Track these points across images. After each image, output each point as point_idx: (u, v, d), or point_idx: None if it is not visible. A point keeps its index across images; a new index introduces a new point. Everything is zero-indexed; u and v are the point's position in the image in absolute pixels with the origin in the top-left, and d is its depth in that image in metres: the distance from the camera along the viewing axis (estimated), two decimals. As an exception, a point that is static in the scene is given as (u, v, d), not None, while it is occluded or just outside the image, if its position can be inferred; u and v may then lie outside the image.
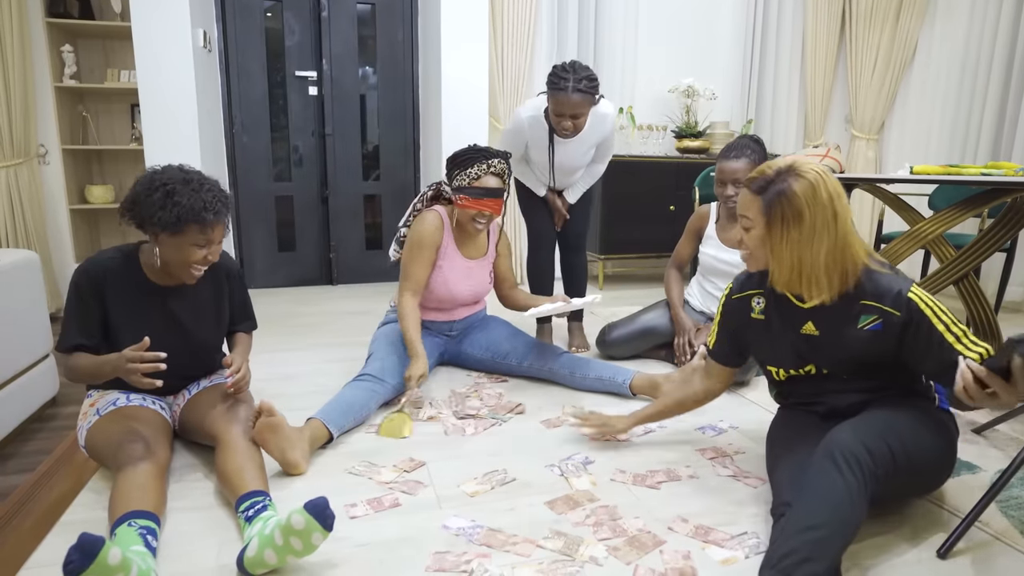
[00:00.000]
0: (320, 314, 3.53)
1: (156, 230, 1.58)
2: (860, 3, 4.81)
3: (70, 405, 2.40)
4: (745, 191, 1.46)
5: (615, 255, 4.39)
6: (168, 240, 1.59)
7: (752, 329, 1.63)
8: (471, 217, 2.28)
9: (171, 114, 3.20)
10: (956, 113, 4.41)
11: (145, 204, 1.56)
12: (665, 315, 2.71)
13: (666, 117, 4.71)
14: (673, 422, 2.09)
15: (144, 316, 1.68)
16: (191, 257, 1.61)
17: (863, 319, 1.43)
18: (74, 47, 3.68)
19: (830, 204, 1.37)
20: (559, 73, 2.42)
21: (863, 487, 1.23)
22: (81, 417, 1.68)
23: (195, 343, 1.78)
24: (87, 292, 1.62)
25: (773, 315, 1.57)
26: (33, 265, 2.26)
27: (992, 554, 1.40)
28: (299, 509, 1.22)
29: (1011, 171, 2.28)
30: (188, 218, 1.55)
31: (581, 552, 1.37)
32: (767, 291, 1.57)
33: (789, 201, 1.37)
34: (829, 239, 1.38)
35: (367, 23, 4.20)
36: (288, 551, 1.23)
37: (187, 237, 1.58)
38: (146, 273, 1.68)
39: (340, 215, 4.31)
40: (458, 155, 2.29)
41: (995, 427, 2.03)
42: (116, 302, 1.65)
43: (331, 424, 1.85)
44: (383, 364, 2.17)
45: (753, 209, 1.43)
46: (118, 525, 1.28)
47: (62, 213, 3.73)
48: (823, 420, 1.57)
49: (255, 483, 1.46)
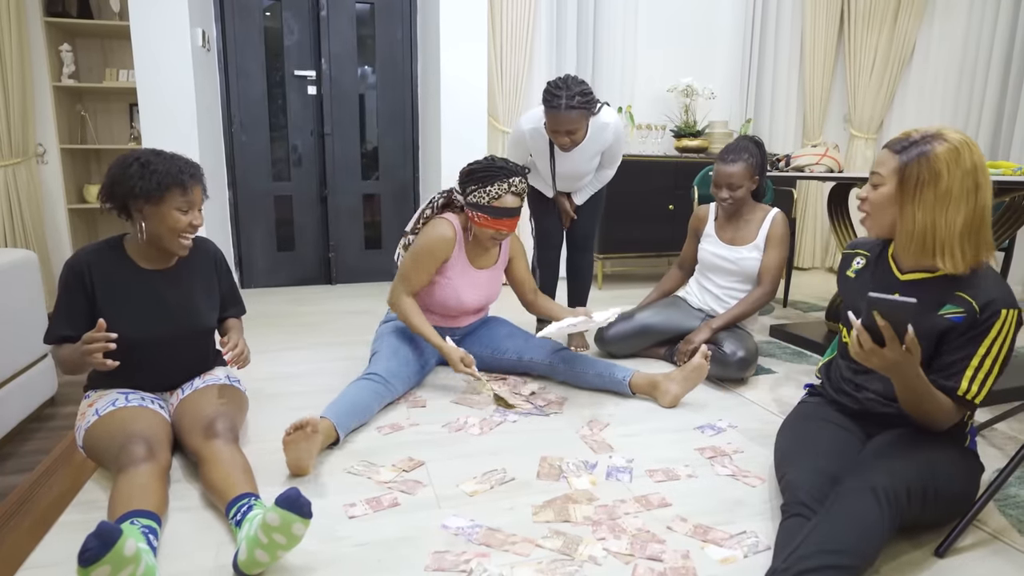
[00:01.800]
0: (319, 313, 3.53)
1: (139, 203, 1.62)
2: (858, 3, 4.81)
3: (69, 405, 2.40)
4: (884, 150, 1.42)
5: (614, 254, 4.40)
6: (152, 211, 1.63)
7: (844, 285, 1.63)
8: (489, 236, 2.26)
9: (170, 113, 3.19)
10: (954, 113, 4.41)
11: (122, 180, 1.60)
12: (663, 313, 2.72)
13: (665, 116, 4.71)
14: (672, 421, 2.10)
15: (135, 301, 1.69)
16: (177, 224, 1.65)
17: (948, 307, 1.38)
18: (72, 46, 3.68)
19: (972, 173, 1.32)
20: (552, 91, 2.41)
21: (893, 526, 1.23)
22: (79, 417, 1.67)
23: (188, 327, 1.78)
24: (72, 284, 1.64)
25: (867, 276, 1.55)
26: (31, 265, 2.25)
27: (990, 553, 1.40)
28: (271, 506, 1.22)
29: (1009, 170, 2.28)
30: (167, 182, 1.61)
31: (580, 551, 1.38)
32: (872, 254, 1.57)
33: (929, 162, 1.33)
34: (967, 208, 1.33)
35: (366, 23, 4.20)
36: (275, 547, 1.23)
37: (170, 202, 1.63)
38: (133, 259, 1.72)
39: (339, 215, 4.31)
40: (477, 170, 2.22)
41: (993, 426, 2.04)
42: (104, 290, 1.67)
43: (340, 427, 1.85)
44: (388, 365, 2.16)
45: (888, 166, 1.39)
46: (120, 523, 1.27)
47: (60, 212, 3.73)
48: (853, 420, 1.56)
49: (242, 487, 1.44)
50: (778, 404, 2.26)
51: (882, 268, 1.52)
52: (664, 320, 2.70)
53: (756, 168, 2.52)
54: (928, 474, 1.32)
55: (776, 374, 2.60)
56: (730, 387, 2.44)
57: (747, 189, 2.53)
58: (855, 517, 1.20)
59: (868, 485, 1.24)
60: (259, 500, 1.42)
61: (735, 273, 2.60)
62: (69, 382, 2.60)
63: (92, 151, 3.92)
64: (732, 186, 2.51)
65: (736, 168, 2.49)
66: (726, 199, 2.54)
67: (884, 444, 1.42)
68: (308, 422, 1.62)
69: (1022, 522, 1.51)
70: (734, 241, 2.61)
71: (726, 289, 2.64)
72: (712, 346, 2.48)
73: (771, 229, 2.55)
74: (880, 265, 1.53)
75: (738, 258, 2.58)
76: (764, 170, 2.57)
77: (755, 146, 2.54)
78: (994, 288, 1.35)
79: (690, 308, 2.74)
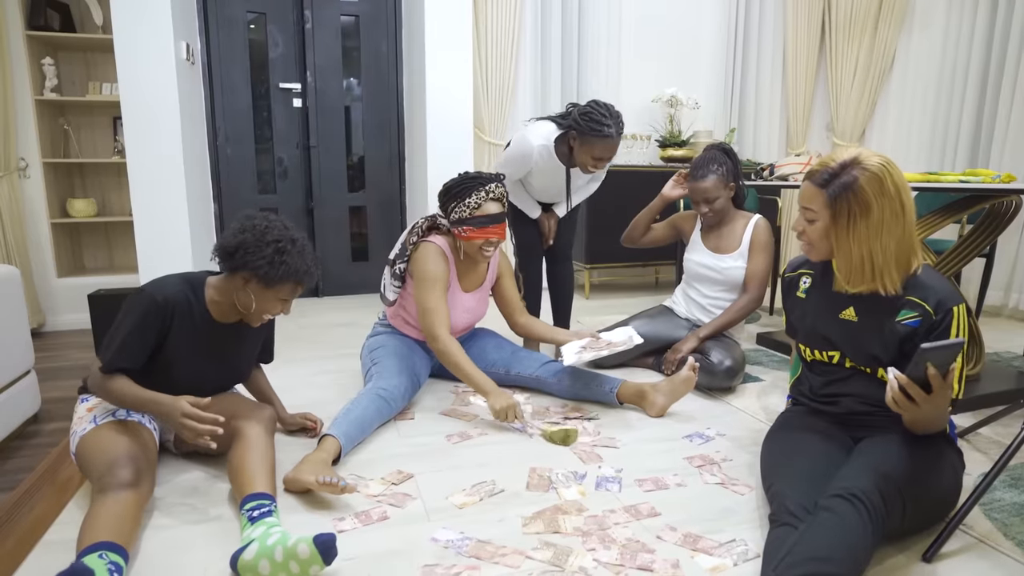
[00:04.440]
0: (307, 327, 3.51)
1: (253, 281, 1.62)
2: (839, 13, 4.88)
3: (52, 422, 2.37)
4: (808, 184, 1.44)
5: (601, 264, 4.41)
6: (258, 290, 1.63)
7: (795, 306, 1.67)
8: (478, 248, 2.23)
9: (154, 127, 3.17)
10: (934, 121, 4.48)
11: (253, 254, 1.58)
12: (651, 323, 2.72)
13: (650, 127, 4.75)
14: (660, 431, 2.10)
15: (199, 352, 1.70)
16: (271, 309, 1.68)
17: (903, 313, 1.43)
18: (55, 60, 3.65)
19: (897, 196, 1.36)
20: (599, 119, 2.38)
21: (878, 531, 1.24)
22: (76, 422, 1.63)
23: (228, 371, 1.84)
24: (153, 322, 1.59)
25: (816, 295, 1.60)
26: (14, 280, 2.23)
27: (977, 557, 1.41)
28: (307, 539, 1.25)
29: (988, 178, 2.32)
30: (290, 278, 1.62)
31: (570, 562, 1.37)
32: (816, 271, 1.61)
33: (856, 195, 1.36)
34: (898, 230, 1.37)
35: (351, 34, 4.20)
36: (283, 570, 1.25)
37: (278, 292, 1.64)
38: (208, 307, 1.70)
39: (325, 227, 4.30)
40: (451, 187, 2.21)
41: (978, 431, 2.06)
42: (178, 335, 1.65)
43: (346, 447, 1.83)
44: (397, 382, 2.13)
45: (817, 202, 1.42)
46: (88, 553, 1.24)
47: (43, 227, 3.69)
48: (837, 426, 1.58)
49: (264, 485, 1.49)
50: (766, 412, 2.27)
51: (828, 285, 1.58)
52: (651, 330, 2.70)
53: (728, 176, 2.54)
54: (911, 477, 1.34)
55: (763, 382, 2.61)
56: (718, 396, 2.45)
57: (725, 199, 2.56)
58: (840, 524, 1.21)
59: (851, 492, 1.26)
60: (277, 508, 1.46)
61: (721, 283, 2.62)
62: (53, 399, 2.57)
63: (75, 165, 3.88)
64: (709, 200, 2.54)
65: (708, 183, 2.52)
66: (707, 213, 2.57)
67: (867, 450, 1.43)
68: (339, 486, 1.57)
69: (1008, 526, 1.53)
70: (718, 249, 2.63)
71: (712, 299, 2.65)
72: (699, 355, 2.49)
73: (754, 235, 2.56)
74: (826, 282, 1.59)
75: (723, 268, 2.59)
76: (738, 176, 2.59)
77: (723, 154, 2.56)
78: (940, 287, 1.42)
79: (677, 318, 2.75)
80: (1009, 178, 2.32)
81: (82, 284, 3.72)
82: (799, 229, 1.50)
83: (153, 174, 3.13)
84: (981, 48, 4.11)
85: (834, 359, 1.58)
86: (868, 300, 1.49)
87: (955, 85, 4.31)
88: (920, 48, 4.62)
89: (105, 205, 3.95)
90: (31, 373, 2.32)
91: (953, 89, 4.33)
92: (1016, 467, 1.81)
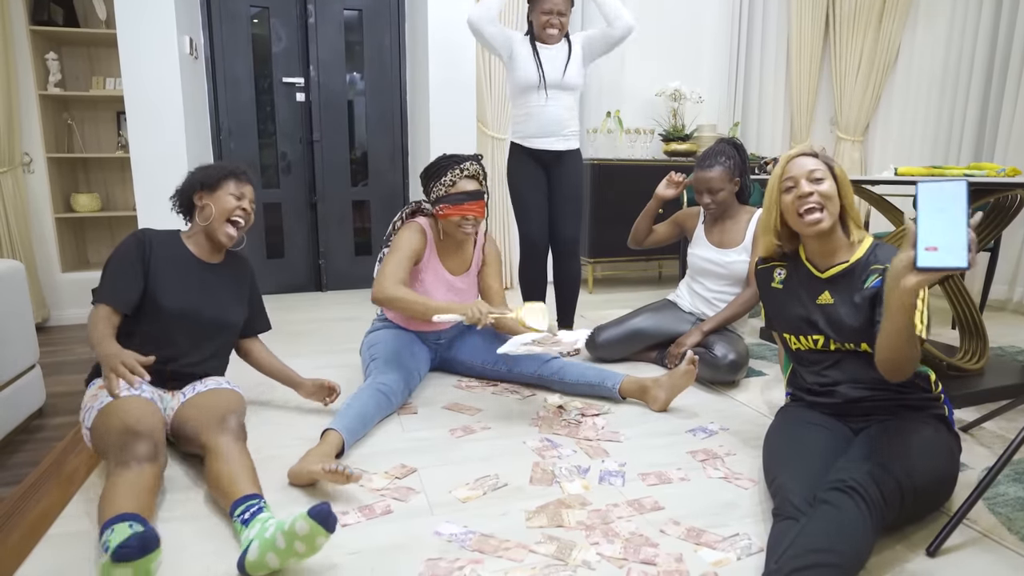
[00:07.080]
0: (310, 321, 3.51)
1: (200, 193, 1.89)
2: (843, 7, 4.86)
3: (57, 416, 2.38)
4: (802, 157, 1.63)
5: (604, 258, 4.41)
6: (208, 197, 1.88)
7: (772, 297, 1.75)
8: (456, 225, 2.27)
9: (157, 121, 3.18)
10: (939, 115, 4.46)
11: (193, 176, 1.92)
12: (655, 318, 2.73)
13: (653, 121, 4.74)
14: (663, 425, 2.10)
15: (181, 280, 1.86)
16: (228, 205, 1.88)
17: (868, 279, 1.56)
18: (58, 55, 3.66)
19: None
20: None
21: (878, 521, 1.26)
22: (89, 399, 1.67)
23: (217, 316, 1.91)
24: (132, 253, 1.78)
25: (793, 284, 1.69)
26: (18, 274, 2.24)
27: (980, 551, 1.41)
28: (303, 515, 1.24)
29: (992, 172, 2.31)
30: (227, 175, 1.90)
31: (574, 556, 1.38)
32: (789, 263, 1.73)
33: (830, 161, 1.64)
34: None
35: (354, 29, 4.20)
36: (291, 554, 1.25)
37: (226, 189, 1.89)
38: (188, 247, 1.92)
39: (329, 221, 4.30)
40: (429, 168, 2.32)
41: (981, 425, 2.05)
42: (158, 264, 1.82)
43: (348, 441, 1.83)
44: (396, 377, 2.14)
45: (820, 164, 1.61)
46: (116, 522, 1.25)
47: (47, 222, 3.70)
48: (835, 418, 1.61)
49: (248, 487, 1.46)
50: (769, 406, 2.27)
51: (802, 272, 1.69)
52: (655, 324, 2.70)
53: (735, 170, 2.54)
54: (909, 465, 1.36)
55: (766, 376, 2.61)
56: (721, 390, 2.44)
57: (729, 192, 2.55)
58: (839, 517, 1.22)
59: (849, 484, 1.27)
60: (267, 503, 1.44)
61: (725, 277, 2.62)
62: (57, 393, 2.58)
63: (79, 160, 3.89)
64: (712, 190, 2.54)
65: (714, 172, 2.52)
66: (708, 204, 2.57)
67: (865, 441, 1.47)
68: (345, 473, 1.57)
69: (1011, 520, 1.52)
70: (722, 243, 2.63)
71: (716, 293, 2.65)
72: (703, 349, 2.49)
73: (756, 229, 2.56)
74: (799, 270, 1.70)
75: (727, 262, 2.59)
76: (745, 171, 2.59)
77: (732, 148, 2.57)
78: (892, 251, 1.58)
79: (681, 312, 2.75)
80: (1014, 172, 2.31)
81: (86, 279, 3.73)
82: (807, 191, 1.58)
83: (157, 169, 3.14)
84: (985, 42, 4.09)
85: (819, 343, 1.63)
86: (839, 281, 1.61)
87: (959, 79, 4.29)
88: (924, 42, 4.59)
89: (109, 200, 3.96)
90: (36, 367, 2.33)
91: (958, 83, 4.30)
92: (1020, 461, 1.81)
